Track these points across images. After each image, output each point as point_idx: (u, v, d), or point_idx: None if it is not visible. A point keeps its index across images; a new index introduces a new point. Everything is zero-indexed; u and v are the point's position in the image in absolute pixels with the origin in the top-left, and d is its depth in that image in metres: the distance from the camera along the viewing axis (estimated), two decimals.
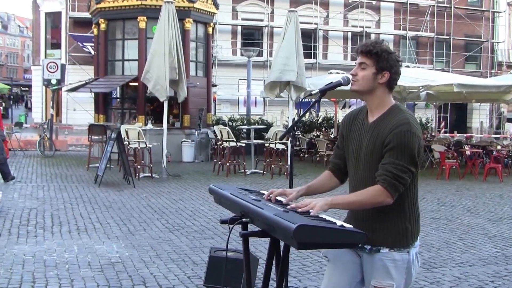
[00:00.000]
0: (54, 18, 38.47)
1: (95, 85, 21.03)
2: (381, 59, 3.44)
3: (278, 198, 3.64)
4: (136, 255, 7.68)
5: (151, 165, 15.98)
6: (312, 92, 4.69)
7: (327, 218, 3.19)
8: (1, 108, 14.94)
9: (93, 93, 21.75)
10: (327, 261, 3.73)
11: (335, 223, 3.08)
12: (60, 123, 33.72)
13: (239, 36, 39.97)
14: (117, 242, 8.40)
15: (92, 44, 34.06)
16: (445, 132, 35.70)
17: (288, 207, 3.31)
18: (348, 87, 3.72)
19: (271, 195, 3.63)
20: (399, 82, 13.13)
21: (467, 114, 44.30)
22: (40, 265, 7.12)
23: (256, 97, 34.68)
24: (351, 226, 3.08)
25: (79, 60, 35.11)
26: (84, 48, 34.95)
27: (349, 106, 30.41)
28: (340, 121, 24.01)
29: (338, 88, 4.01)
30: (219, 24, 36.94)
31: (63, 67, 24.56)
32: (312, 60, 38.29)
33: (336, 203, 3.38)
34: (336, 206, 3.39)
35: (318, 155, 20.27)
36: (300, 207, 3.30)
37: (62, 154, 22.41)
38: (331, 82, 3.95)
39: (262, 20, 39.66)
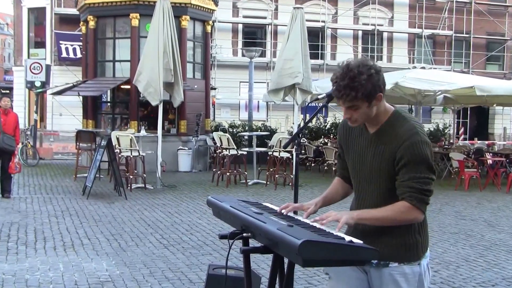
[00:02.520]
0: (38, 14, 38.49)
1: (83, 88, 21.06)
2: (367, 91, 3.34)
3: (291, 213, 3.67)
4: (128, 273, 7.68)
5: (145, 175, 15.98)
6: (319, 96, 4.70)
7: (335, 233, 3.20)
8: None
9: (81, 97, 21.78)
10: (328, 278, 3.75)
11: (343, 238, 3.08)
12: (44, 129, 33.72)
13: (240, 35, 40.02)
14: (107, 259, 8.41)
15: (74, 43, 34.32)
16: (465, 139, 35.66)
17: (312, 220, 3.34)
18: None
19: (284, 209, 3.67)
20: (414, 85, 13.09)
21: (489, 119, 44.22)
22: (21, 285, 7.12)
23: (258, 101, 34.76)
24: (361, 241, 3.09)
25: (66, 61, 35.15)
26: (60, 45, 34.92)
27: None
28: None
29: None
30: (218, 22, 37.01)
31: (48, 68, 24.62)
32: (319, 61, 38.32)
33: (363, 218, 3.41)
34: (362, 221, 3.42)
35: (326, 164, 20.27)
36: (323, 219, 3.35)
37: (47, 163, 22.44)
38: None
39: (265, 18, 39.70)
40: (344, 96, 3.37)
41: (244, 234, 3.39)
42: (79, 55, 31.32)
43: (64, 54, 34.88)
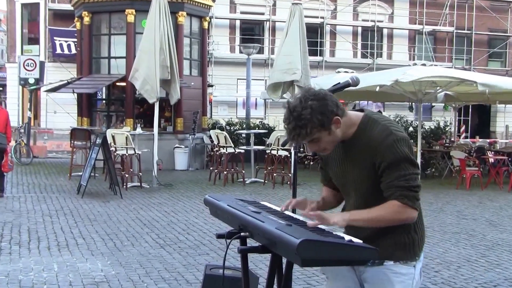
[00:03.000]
0: (31, 10, 38.39)
1: (78, 85, 21.05)
2: (317, 123, 3.30)
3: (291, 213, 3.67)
4: (123, 274, 7.68)
5: (140, 174, 15.98)
6: None
7: (334, 232, 3.20)
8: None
9: (76, 94, 21.77)
10: (326, 278, 3.79)
11: (343, 238, 3.09)
12: (38, 127, 33.65)
13: (237, 31, 39.96)
14: (102, 259, 8.41)
15: (68, 39, 34.23)
16: (466, 137, 35.67)
17: (309, 223, 3.36)
18: (357, 88, 3.75)
19: (289, 205, 3.66)
20: (415, 82, 12.87)
21: (491, 117, 44.21)
22: (15, 286, 7.11)
23: (256, 99, 34.67)
24: (361, 241, 3.09)
25: (60, 57, 35.11)
26: (54, 42, 34.81)
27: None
28: None
29: (346, 89, 4.03)
30: (215, 18, 36.93)
31: (42, 64, 24.60)
32: (318, 58, 38.27)
33: (355, 219, 3.39)
34: (355, 222, 3.40)
35: None
36: (316, 221, 3.34)
37: (40, 161, 22.42)
38: (339, 83, 3.98)
39: (263, 14, 39.64)
40: (296, 137, 3.34)
41: (242, 234, 3.38)
42: (73, 51, 31.26)
43: (58, 51, 34.79)
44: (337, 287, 3.68)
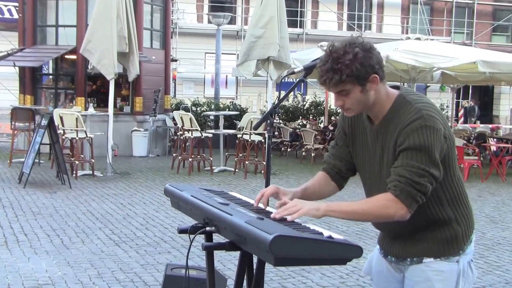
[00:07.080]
0: None
1: (20, 57, 20.86)
2: (354, 71, 3.30)
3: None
4: (72, 275, 7.67)
5: (93, 161, 15.93)
6: (295, 70, 4.71)
7: (312, 227, 3.22)
8: None
9: (17, 68, 21.59)
10: (371, 280, 3.91)
11: (321, 234, 3.11)
12: None
13: None
14: (47, 258, 8.38)
15: (8, 3, 33.86)
16: (465, 122, 35.90)
17: (277, 203, 3.40)
18: None
19: (260, 199, 3.62)
20: (407, 60, 13.11)
21: (494, 99, 44.51)
22: None
23: (226, 76, 34.74)
24: (342, 237, 3.11)
25: (1, 22, 34.79)
26: None
27: None
28: (332, 107, 24.16)
29: None
30: None
31: None
32: (298, 30, 38.32)
33: (332, 209, 3.36)
34: (331, 213, 3.38)
35: (304, 149, 20.33)
36: (285, 209, 3.34)
37: None
38: (319, 58, 3.99)
39: None
40: (327, 81, 3.35)
41: (207, 228, 3.40)
42: (15, 16, 30.92)
43: None
44: None
